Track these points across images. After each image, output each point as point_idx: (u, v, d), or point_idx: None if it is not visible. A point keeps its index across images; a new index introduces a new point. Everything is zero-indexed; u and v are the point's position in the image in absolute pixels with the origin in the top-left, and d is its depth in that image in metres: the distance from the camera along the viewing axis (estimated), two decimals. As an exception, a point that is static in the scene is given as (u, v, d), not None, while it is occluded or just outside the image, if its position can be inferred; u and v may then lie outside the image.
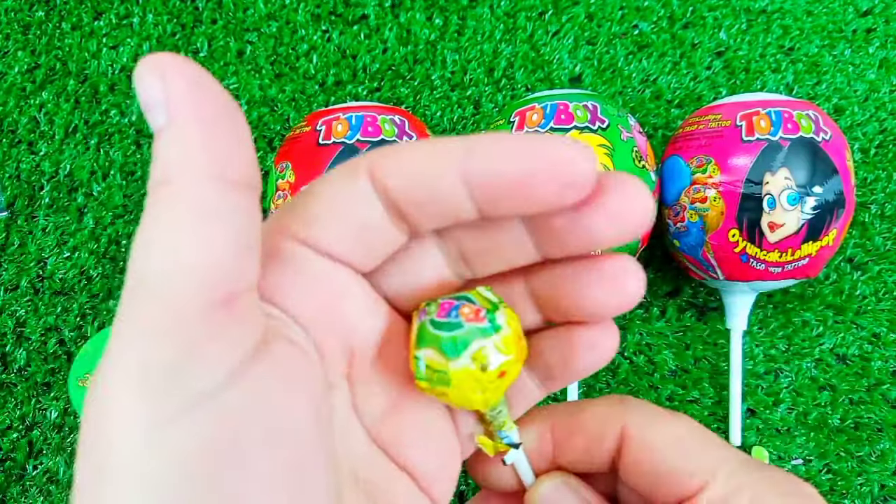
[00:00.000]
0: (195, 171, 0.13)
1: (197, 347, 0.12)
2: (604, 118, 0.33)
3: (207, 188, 0.13)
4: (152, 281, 0.12)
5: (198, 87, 0.13)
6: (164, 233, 0.13)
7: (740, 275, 0.34)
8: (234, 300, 0.13)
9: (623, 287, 0.17)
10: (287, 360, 0.14)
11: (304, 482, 0.14)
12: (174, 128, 0.13)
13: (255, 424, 0.13)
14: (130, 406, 0.12)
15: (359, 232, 0.16)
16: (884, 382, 0.39)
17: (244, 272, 0.13)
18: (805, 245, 0.33)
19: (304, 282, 0.16)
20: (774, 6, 0.44)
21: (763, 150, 0.32)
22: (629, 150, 0.33)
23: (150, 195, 0.13)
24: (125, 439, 0.12)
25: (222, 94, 0.13)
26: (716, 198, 0.33)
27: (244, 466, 0.13)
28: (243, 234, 0.13)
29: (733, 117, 0.34)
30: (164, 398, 0.12)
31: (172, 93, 0.13)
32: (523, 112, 0.34)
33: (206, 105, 0.13)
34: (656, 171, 0.35)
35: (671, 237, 0.36)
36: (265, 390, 0.13)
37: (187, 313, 0.12)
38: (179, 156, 0.13)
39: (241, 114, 0.14)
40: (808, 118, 0.33)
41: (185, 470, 0.12)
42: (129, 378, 0.12)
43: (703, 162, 0.34)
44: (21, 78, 0.43)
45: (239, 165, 0.13)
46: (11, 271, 0.40)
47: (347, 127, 0.33)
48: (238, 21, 0.44)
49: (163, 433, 0.12)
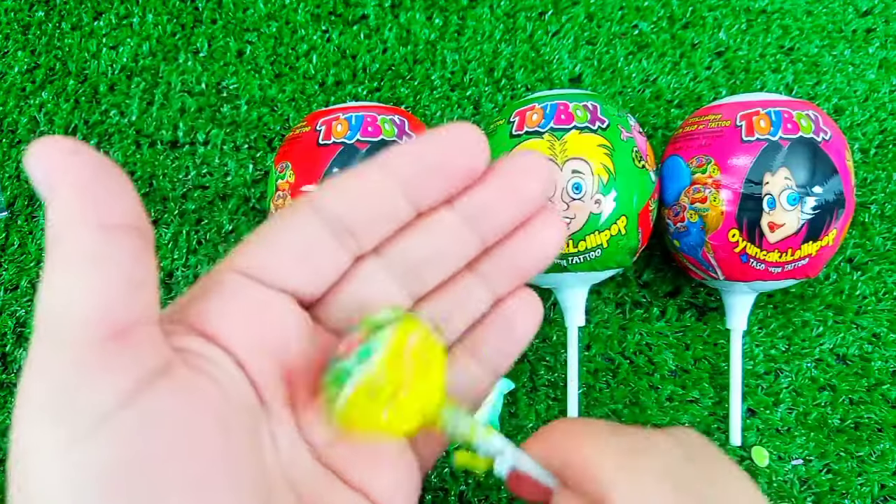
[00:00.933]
0: (74, 222, 0.14)
1: (89, 376, 0.14)
2: (604, 118, 0.33)
3: (86, 235, 0.14)
4: (45, 323, 0.14)
5: (70, 156, 0.14)
6: (53, 280, 0.14)
7: (740, 275, 0.34)
8: (127, 332, 0.14)
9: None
10: (190, 385, 0.15)
11: (209, 498, 0.15)
12: (55, 195, 0.14)
13: (154, 444, 0.14)
14: (37, 434, 0.14)
15: (298, 257, 0.18)
16: (884, 382, 0.39)
17: (134, 307, 0.15)
18: (805, 245, 0.33)
19: (236, 309, 0.17)
20: (774, 6, 0.44)
21: (763, 150, 0.32)
22: (629, 150, 0.33)
23: (46, 255, 0.15)
24: (36, 464, 0.13)
25: (95, 156, 0.15)
26: (716, 198, 0.33)
27: (147, 484, 0.14)
28: (129, 272, 0.15)
29: (733, 117, 0.34)
30: (64, 424, 0.13)
31: (49, 169, 0.14)
32: (523, 112, 0.34)
33: (78, 169, 0.14)
34: (656, 171, 0.35)
35: (671, 237, 0.36)
36: (163, 412, 0.14)
37: (78, 347, 0.14)
38: (61, 215, 0.14)
39: (117, 169, 0.15)
40: (808, 118, 0.33)
41: (89, 490, 0.13)
42: (33, 409, 0.14)
43: (703, 162, 0.34)
44: (21, 78, 0.43)
45: (118, 212, 0.15)
46: (11, 271, 0.40)
47: (347, 127, 0.33)
48: (238, 21, 0.43)
49: (68, 456, 0.13)
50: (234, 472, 0.15)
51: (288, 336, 0.18)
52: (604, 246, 0.33)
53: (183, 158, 0.41)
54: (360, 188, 0.18)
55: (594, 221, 0.32)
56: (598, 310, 0.40)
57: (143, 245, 0.15)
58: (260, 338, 0.17)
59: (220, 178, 0.41)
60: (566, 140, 0.32)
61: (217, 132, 0.42)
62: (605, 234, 0.33)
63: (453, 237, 0.20)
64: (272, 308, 0.18)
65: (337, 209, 0.18)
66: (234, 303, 0.17)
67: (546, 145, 0.32)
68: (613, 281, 0.40)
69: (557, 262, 0.33)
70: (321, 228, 0.18)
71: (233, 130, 0.42)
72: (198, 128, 0.42)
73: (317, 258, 0.18)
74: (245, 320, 0.17)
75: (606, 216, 0.32)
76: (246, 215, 0.41)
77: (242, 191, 0.41)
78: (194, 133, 0.42)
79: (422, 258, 0.20)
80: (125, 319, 0.14)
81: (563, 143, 0.32)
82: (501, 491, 0.37)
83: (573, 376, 0.36)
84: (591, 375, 0.39)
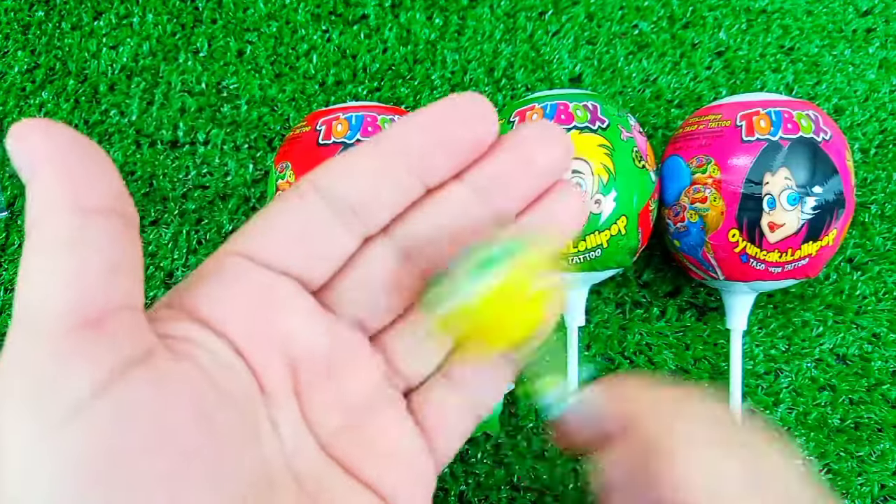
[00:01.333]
0: (51, 205, 0.14)
1: (63, 365, 0.13)
2: (604, 118, 0.33)
3: (63, 219, 0.14)
4: (21, 311, 0.14)
5: (50, 136, 0.14)
6: (29, 267, 0.14)
7: (740, 275, 0.34)
8: (103, 320, 0.14)
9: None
10: (169, 374, 0.15)
11: (185, 492, 0.14)
12: (35, 177, 0.14)
13: (128, 435, 0.14)
14: (12, 423, 0.13)
15: (299, 238, 0.17)
16: (884, 382, 0.39)
17: (113, 293, 0.14)
18: (805, 245, 0.33)
19: (234, 293, 0.17)
20: (774, 6, 0.44)
21: (763, 150, 0.32)
22: (629, 150, 0.33)
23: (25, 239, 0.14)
24: (11, 454, 0.13)
25: (76, 137, 0.14)
26: (716, 198, 0.33)
27: (123, 476, 0.13)
28: (108, 258, 0.14)
29: (733, 117, 0.34)
30: (38, 414, 0.13)
31: (29, 151, 0.14)
32: (523, 112, 0.34)
33: (58, 150, 0.14)
34: (656, 171, 0.35)
35: (671, 237, 0.36)
36: (137, 402, 0.14)
37: (52, 336, 0.13)
38: (39, 198, 0.14)
39: (99, 150, 0.15)
40: (808, 118, 0.33)
41: (65, 480, 0.13)
42: (8, 398, 0.13)
43: (703, 162, 0.34)
44: (21, 78, 0.43)
45: (98, 194, 0.14)
46: (11, 271, 0.40)
47: (347, 127, 0.33)
48: (238, 21, 0.43)
49: (43, 446, 0.13)
50: (215, 465, 0.15)
51: (292, 321, 0.17)
52: (604, 246, 0.33)
53: (183, 158, 0.41)
54: (363, 166, 0.17)
55: (594, 221, 0.32)
56: (598, 310, 0.40)
57: (123, 228, 0.15)
58: (260, 323, 0.17)
59: (220, 178, 0.41)
60: None
61: (217, 132, 0.42)
62: (605, 234, 0.33)
63: (465, 213, 0.18)
64: (274, 292, 0.17)
65: (339, 189, 0.17)
66: (232, 286, 0.17)
67: None
68: (613, 281, 0.40)
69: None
70: (323, 209, 0.17)
71: (233, 130, 0.42)
72: (198, 128, 0.42)
73: (320, 240, 0.17)
74: (244, 304, 0.17)
75: (606, 216, 0.32)
76: (246, 215, 0.41)
77: (242, 191, 0.41)
78: (194, 133, 0.42)
79: (433, 237, 0.18)
80: (102, 306, 0.14)
81: None
82: (502, 491, 0.37)
83: (573, 376, 0.36)
84: (591, 374, 0.39)
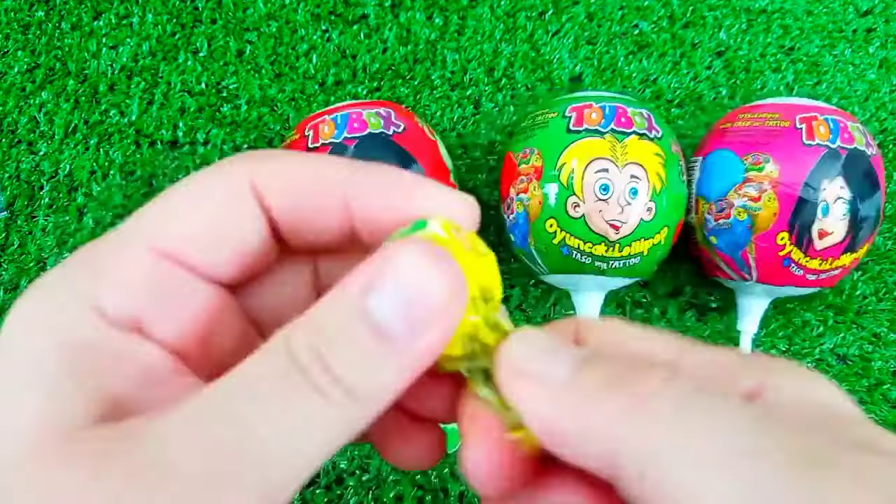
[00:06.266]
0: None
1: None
2: (658, 128, 0.33)
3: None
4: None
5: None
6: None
7: (775, 278, 0.34)
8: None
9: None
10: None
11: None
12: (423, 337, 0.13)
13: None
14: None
15: (232, 247, 0.16)
16: (884, 382, 0.39)
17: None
18: (843, 256, 0.33)
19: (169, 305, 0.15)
20: (774, 6, 0.44)
21: (823, 156, 0.32)
22: (677, 163, 0.33)
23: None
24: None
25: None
26: (770, 198, 0.32)
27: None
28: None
29: (792, 119, 0.33)
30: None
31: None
32: (580, 109, 0.33)
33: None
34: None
35: (707, 233, 0.35)
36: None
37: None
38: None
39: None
40: (860, 131, 0.33)
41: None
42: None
43: (761, 160, 0.33)
44: (21, 78, 0.43)
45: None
46: (11, 271, 0.40)
47: (334, 127, 0.33)
48: (238, 21, 0.43)
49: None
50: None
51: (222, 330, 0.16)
52: (644, 254, 0.33)
53: (183, 158, 0.41)
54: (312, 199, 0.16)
55: (643, 228, 0.32)
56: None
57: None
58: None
59: (220, 178, 0.41)
60: (627, 144, 0.32)
61: (217, 132, 0.42)
62: (648, 242, 0.33)
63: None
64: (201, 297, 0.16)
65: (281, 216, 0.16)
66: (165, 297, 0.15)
67: (607, 146, 0.32)
68: (613, 281, 0.40)
69: (596, 264, 0.33)
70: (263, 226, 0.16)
71: (233, 130, 0.42)
72: (198, 128, 0.42)
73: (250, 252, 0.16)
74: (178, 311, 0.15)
75: (654, 224, 0.32)
76: (246, 215, 0.41)
77: (242, 191, 0.41)
78: (194, 133, 0.42)
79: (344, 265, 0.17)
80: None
81: (625, 147, 0.32)
82: (501, 491, 0.37)
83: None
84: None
